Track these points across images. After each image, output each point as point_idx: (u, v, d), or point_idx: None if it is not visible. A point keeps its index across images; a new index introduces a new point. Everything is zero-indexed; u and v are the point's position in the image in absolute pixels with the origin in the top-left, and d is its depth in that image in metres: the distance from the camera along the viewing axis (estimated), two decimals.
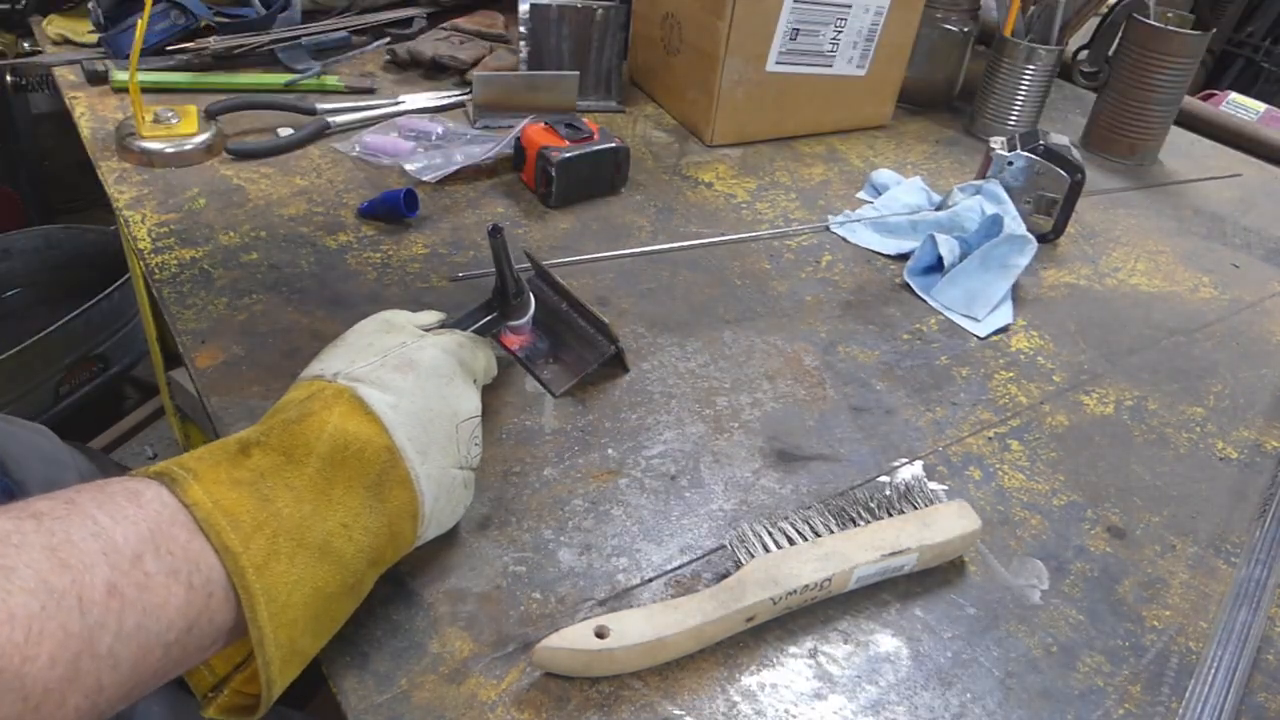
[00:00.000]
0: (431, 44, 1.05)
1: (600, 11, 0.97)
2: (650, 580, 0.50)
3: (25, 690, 0.29)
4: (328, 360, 0.47)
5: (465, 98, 0.98)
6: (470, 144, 0.88)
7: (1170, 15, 1.03)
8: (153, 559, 0.34)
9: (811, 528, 0.50)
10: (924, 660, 0.48)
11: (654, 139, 0.99)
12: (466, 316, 0.57)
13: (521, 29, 0.97)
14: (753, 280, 0.78)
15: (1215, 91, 1.41)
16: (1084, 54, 1.09)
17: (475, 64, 1.04)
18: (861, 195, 0.94)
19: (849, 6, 0.95)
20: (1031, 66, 1.03)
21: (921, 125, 1.12)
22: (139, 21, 0.77)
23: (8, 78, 1.74)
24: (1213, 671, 0.48)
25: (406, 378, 0.45)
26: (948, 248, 0.78)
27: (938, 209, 0.87)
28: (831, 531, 0.50)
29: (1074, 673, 0.49)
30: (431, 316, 0.54)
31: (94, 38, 0.99)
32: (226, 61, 0.99)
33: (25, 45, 1.12)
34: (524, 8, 0.96)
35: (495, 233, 0.55)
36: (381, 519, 0.42)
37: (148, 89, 0.91)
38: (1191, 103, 1.24)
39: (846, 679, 0.46)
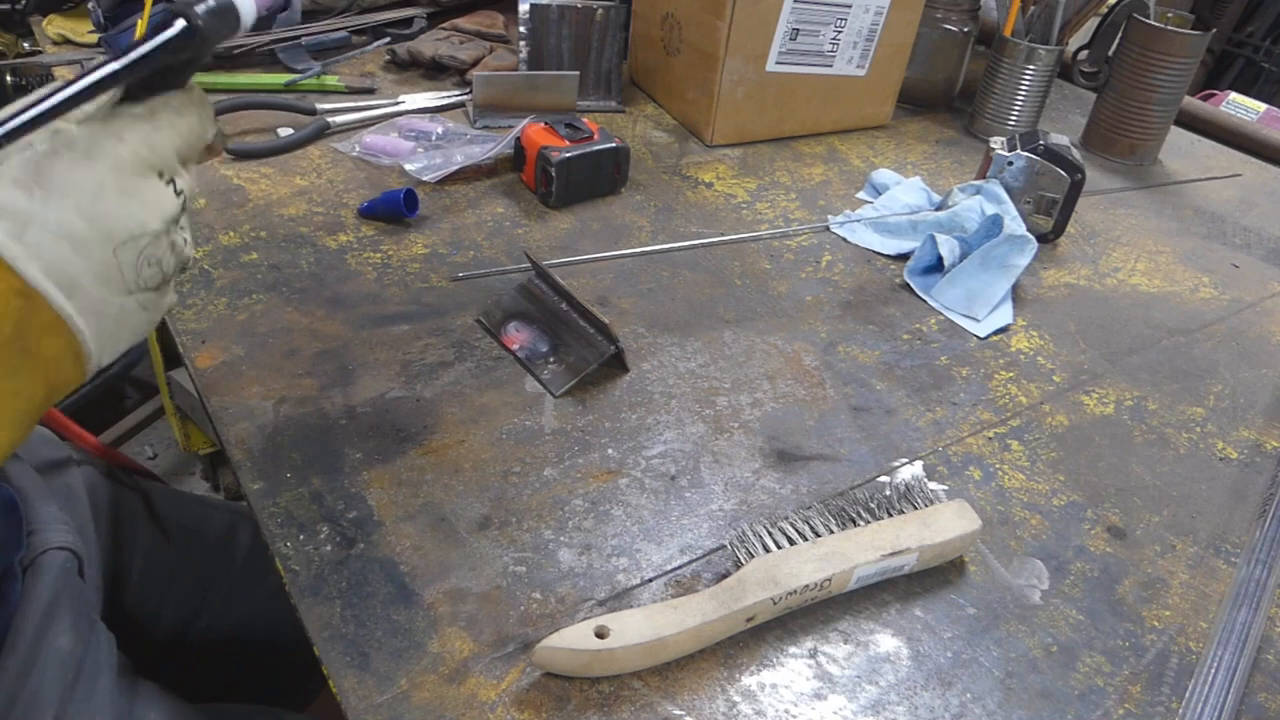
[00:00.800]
0: (431, 44, 1.05)
1: (600, 11, 0.97)
2: (650, 580, 0.50)
3: None
4: None
5: (465, 98, 0.98)
6: (470, 144, 0.88)
7: (1170, 15, 1.03)
8: None
9: (811, 528, 0.50)
10: (924, 660, 0.48)
11: (654, 139, 0.99)
12: (138, 60, 0.36)
13: (521, 29, 0.97)
14: (753, 280, 0.78)
15: (1215, 91, 1.41)
16: (1084, 54, 1.09)
17: (475, 64, 1.04)
18: (861, 195, 0.94)
19: (849, 6, 0.95)
20: (1031, 66, 1.03)
21: (921, 125, 1.12)
22: (139, 21, 0.77)
23: (8, 78, 1.74)
24: (1213, 671, 0.48)
25: (33, 197, 0.33)
26: (948, 248, 0.78)
27: (938, 209, 0.87)
28: (831, 531, 0.50)
29: (1074, 673, 0.49)
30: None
31: (94, 38, 0.99)
32: (226, 61, 0.99)
33: (25, 45, 1.12)
34: (524, 8, 0.96)
35: None
36: (33, 378, 0.35)
37: None
38: (1191, 103, 1.24)
39: (846, 679, 0.46)
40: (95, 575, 0.61)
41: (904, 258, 0.82)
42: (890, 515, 0.52)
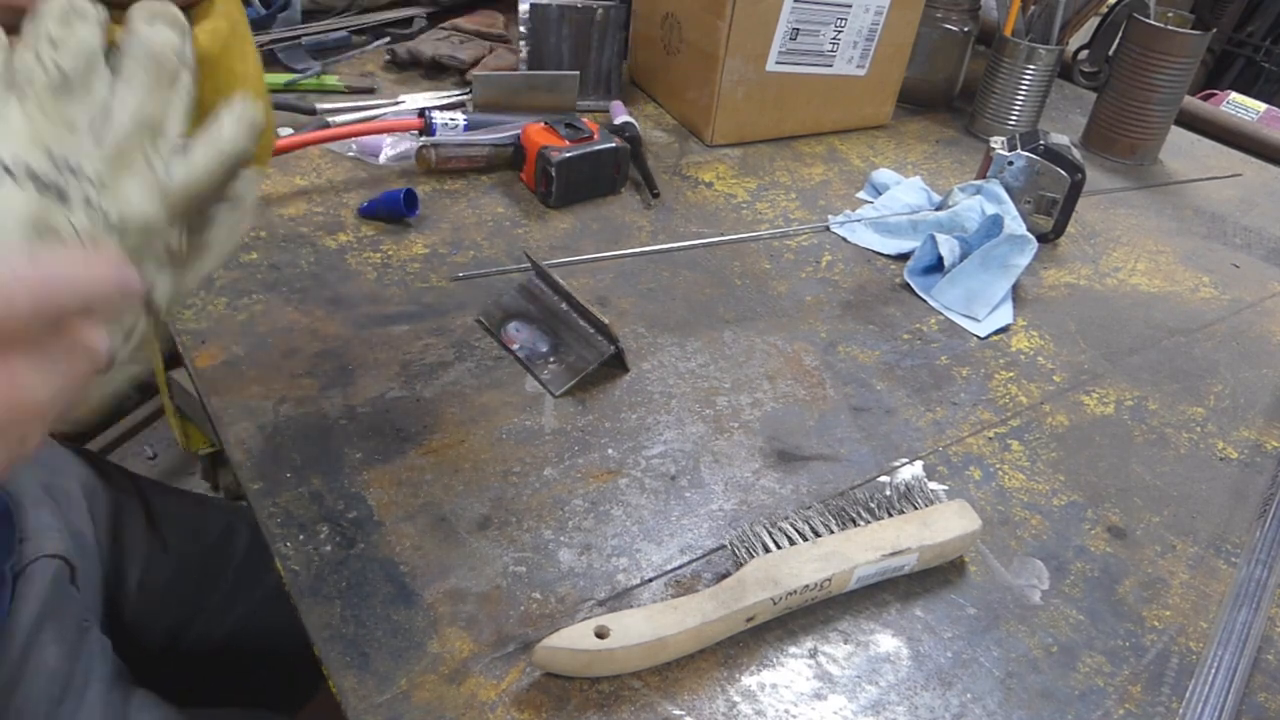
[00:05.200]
0: (431, 44, 1.05)
1: (600, 11, 0.97)
2: (650, 580, 0.50)
3: None
4: None
5: (465, 98, 0.98)
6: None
7: (1170, 15, 1.03)
8: None
9: (811, 528, 0.50)
10: (924, 660, 0.48)
11: (654, 139, 0.99)
12: None
13: (521, 29, 0.97)
14: (753, 280, 0.78)
15: (1215, 91, 1.41)
16: (1084, 54, 1.09)
17: (475, 64, 1.04)
18: (861, 195, 0.94)
19: (849, 6, 0.95)
20: (1031, 66, 1.03)
21: (921, 125, 1.12)
22: None
23: None
24: (1213, 671, 0.48)
25: None
26: (948, 248, 0.78)
27: (938, 209, 0.87)
28: (831, 531, 0.50)
29: (1074, 673, 0.48)
30: None
31: None
32: None
33: None
34: (524, 8, 0.96)
35: None
36: None
37: None
38: (1191, 102, 1.24)
39: (846, 679, 0.46)
40: (92, 582, 0.60)
41: (904, 258, 0.82)
42: (890, 515, 0.52)
